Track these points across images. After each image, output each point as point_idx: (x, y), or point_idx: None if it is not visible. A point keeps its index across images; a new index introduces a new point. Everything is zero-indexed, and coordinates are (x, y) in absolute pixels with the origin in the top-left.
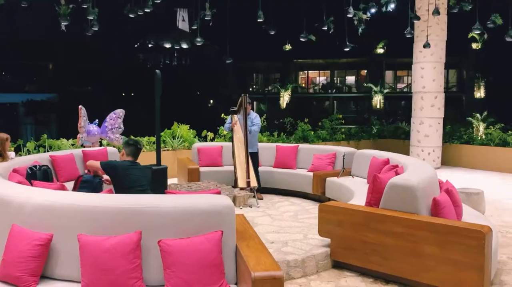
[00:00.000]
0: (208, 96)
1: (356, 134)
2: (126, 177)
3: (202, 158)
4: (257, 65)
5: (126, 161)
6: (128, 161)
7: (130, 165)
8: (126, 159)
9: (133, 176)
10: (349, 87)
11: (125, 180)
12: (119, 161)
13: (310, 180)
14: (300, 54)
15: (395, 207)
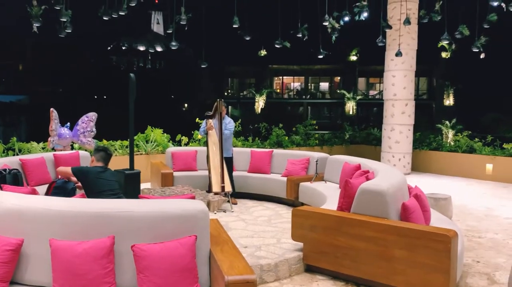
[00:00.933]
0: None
1: (329, 140)
2: (97, 182)
3: (176, 163)
4: (232, 69)
5: (97, 167)
6: (99, 167)
7: (101, 170)
8: (96, 165)
9: (104, 181)
10: (323, 93)
11: (96, 185)
12: (90, 167)
13: (284, 185)
14: (275, 60)
15: (366, 212)
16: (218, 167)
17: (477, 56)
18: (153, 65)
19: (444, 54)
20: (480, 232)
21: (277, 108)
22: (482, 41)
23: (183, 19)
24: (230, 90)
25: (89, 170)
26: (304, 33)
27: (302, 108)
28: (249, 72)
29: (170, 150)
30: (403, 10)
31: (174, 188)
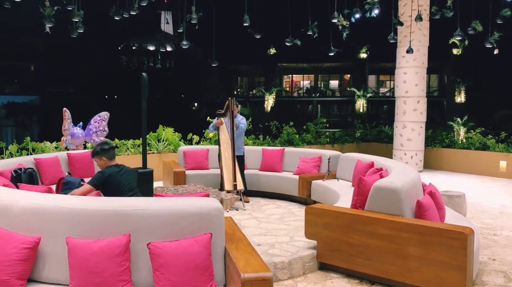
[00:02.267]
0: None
1: (340, 138)
2: (119, 184)
3: (188, 161)
4: (241, 68)
5: (111, 167)
6: (115, 167)
7: (118, 170)
8: (109, 164)
9: (124, 181)
10: (333, 91)
11: (118, 186)
12: (107, 171)
13: (296, 183)
14: (284, 58)
15: (380, 209)
16: (230, 165)
17: (489, 52)
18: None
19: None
20: (495, 229)
21: (287, 106)
22: (496, 36)
23: (194, 18)
24: (240, 89)
25: (109, 176)
26: (314, 31)
27: (312, 106)
28: (259, 71)
29: (182, 148)
30: (414, 6)
31: (186, 187)
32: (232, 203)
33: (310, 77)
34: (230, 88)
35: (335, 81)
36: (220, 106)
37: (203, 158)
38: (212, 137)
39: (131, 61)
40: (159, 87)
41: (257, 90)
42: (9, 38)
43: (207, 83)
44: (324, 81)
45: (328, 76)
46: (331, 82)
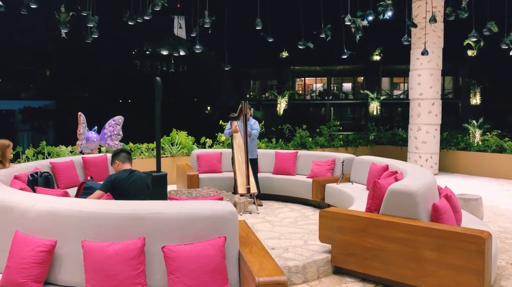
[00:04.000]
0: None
1: (354, 141)
2: (129, 188)
3: (201, 165)
4: (254, 71)
5: (121, 172)
6: (127, 171)
7: (126, 177)
8: (122, 168)
9: (131, 191)
10: (346, 93)
11: (128, 191)
12: (117, 176)
13: (310, 186)
14: (296, 61)
15: (395, 213)
16: (243, 169)
17: (504, 53)
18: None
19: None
20: None
21: (300, 109)
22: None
23: (206, 22)
24: (252, 92)
25: (118, 179)
26: (327, 34)
27: (325, 109)
28: (271, 74)
29: (196, 152)
30: (428, 8)
31: (200, 190)
32: (245, 206)
33: (323, 80)
34: (243, 91)
35: (348, 83)
36: (233, 109)
37: (217, 161)
38: (225, 141)
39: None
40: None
41: (270, 94)
42: (29, 43)
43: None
44: (337, 83)
45: (341, 78)
46: (344, 85)
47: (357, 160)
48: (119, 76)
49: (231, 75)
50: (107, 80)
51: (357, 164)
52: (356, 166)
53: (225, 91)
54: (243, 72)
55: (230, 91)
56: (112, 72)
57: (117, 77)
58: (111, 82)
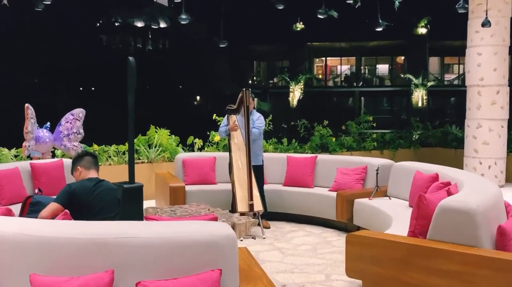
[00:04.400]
0: (194, 91)
1: (392, 141)
2: (87, 208)
3: (188, 173)
4: (258, 50)
5: (84, 182)
6: (92, 180)
7: (91, 188)
8: (86, 177)
9: (97, 205)
10: (381, 78)
11: (93, 206)
12: (78, 186)
13: (333, 202)
14: (315, 36)
15: (448, 238)
16: (244, 179)
17: None
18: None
19: None
20: None
21: (319, 99)
22: None
23: None
24: (256, 77)
25: (79, 190)
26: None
27: (353, 99)
28: (281, 53)
29: (181, 156)
30: None
31: (187, 207)
32: (247, 229)
33: (350, 60)
34: (244, 76)
35: (384, 65)
36: (230, 100)
37: (209, 169)
38: (221, 142)
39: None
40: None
41: (280, 79)
42: None
43: (213, 69)
44: (369, 65)
45: (374, 59)
46: (379, 67)
47: (396, 167)
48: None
49: (228, 54)
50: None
51: (396, 172)
52: (395, 175)
53: (220, 75)
54: (244, 50)
55: (226, 76)
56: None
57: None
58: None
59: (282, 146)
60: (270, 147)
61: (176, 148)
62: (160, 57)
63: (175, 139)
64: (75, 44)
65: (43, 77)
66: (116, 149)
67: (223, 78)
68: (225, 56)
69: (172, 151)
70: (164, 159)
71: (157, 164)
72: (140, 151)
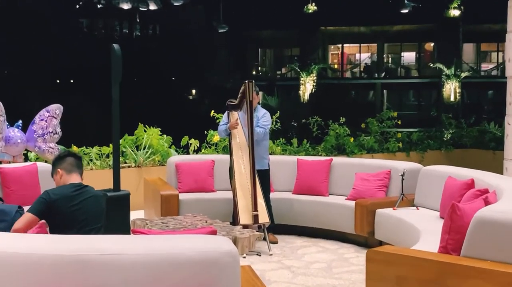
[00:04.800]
0: (189, 84)
1: (420, 142)
2: (68, 220)
3: (183, 180)
4: (264, 36)
5: (65, 188)
6: (74, 186)
7: (75, 191)
8: (68, 181)
9: (79, 217)
10: (407, 69)
11: (67, 224)
12: (57, 192)
13: (351, 213)
14: (330, 19)
15: (486, 255)
16: (247, 186)
17: None
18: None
19: None
20: None
21: (335, 93)
22: None
23: None
24: (262, 67)
25: (59, 198)
26: None
27: (374, 93)
28: (291, 39)
29: (174, 160)
30: None
31: (181, 219)
32: (251, 244)
33: (371, 47)
34: (247, 66)
35: (410, 53)
36: (231, 94)
37: (206, 174)
38: (220, 143)
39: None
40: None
41: (289, 69)
42: None
43: (212, 59)
44: (393, 53)
45: (399, 45)
46: (405, 55)
47: (425, 172)
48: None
49: (229, 41)
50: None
51: (425, 178)
52: (424, 181)
53: (220, 65)
54: (247, 36)
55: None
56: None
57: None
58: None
59: (291, 147)
60: (278, 149)
61: (168, 150)
62: (150, 45)
63: (167, 139)
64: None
65: (16, 68)
66: (99, 151)
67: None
68: (225, 43)
69: (163, 154)
70: (154, 162)
71: (146, 169)
72: (127, 154)
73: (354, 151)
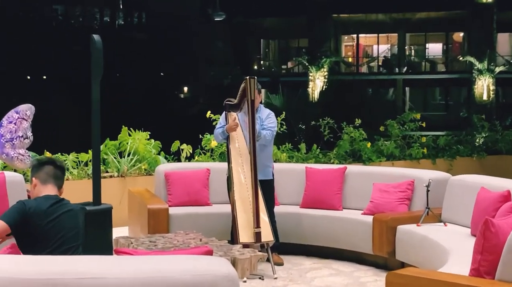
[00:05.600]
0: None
1: (448, 147)
2: (44, 233)
3: (173, 191)
4: (267, 25)
5: (41, 199)
6: (47, 200)
7: (51, 206)
8: (41, 193)
9: (59, 229)
10: (433, 62)
11: (47, 234)
12: (31, 205)
13: (369, 229)
14: (344, 5)
15: None
16: (248, 199)
17: None
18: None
19: None
20: None
21: (349, 91)
22: None
23: None
24: (265, 61)
25: (34, 211)
26: None
27: (395, 90)
28: (298, 29)
29: (163, 168)
30: None
31: (171, 237)
32: (253, 266)
33: (391, 38)
34: (247, 60)
35: (436, 44)
36: (229, 92)
37: (201, 185)
38: (217, 148)
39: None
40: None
41: (295, 63)
42: None
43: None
44: (416, 44)
45: (423, 35)
46: (430, 47)
47: (453, 182)
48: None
49: (227, 31)
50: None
51: (453, 189)
52: (452, 193)
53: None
54: (247, 25)
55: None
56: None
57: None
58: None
59: (299, 154)
60: (283, 156)
61: (156, 157)
62: (135, 35)
63: (155, 145)
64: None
65: None
66: (76, 158)
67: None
68: (223, 33)
69: (151, 161)
70: (140, 171)
71: (131, 179)
72: (108, 161)
73: (372, 158)
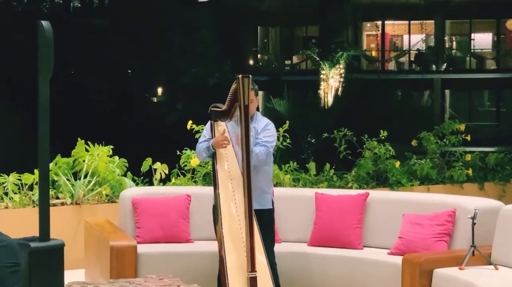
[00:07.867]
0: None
1: (500, 168)
2: None
3: (143, 224)
4: (266, 8)
5: None
6: None
7: None
8: None
9: None
10: (480, 58)
11: None
12: None
13: (397, 273)
14: None
15: None
16: (240, 234)
17: None
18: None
19: None
20: None
21: (372, 94)
22: None
23: None
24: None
25: None
26: None
27: (431, 93)
28: (305, 13)
29: (130, 194)
30: None
31: (140, 282)
32: None
33: (425, 26)
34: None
35: (484, 34)
36: (216, 96)
37: (178, 215)
38: (200, 168)
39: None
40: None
41: (303, 58)
42: None
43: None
44: (458, 34)
45: (468, 23)
46: (476, 37)
47: (507, 213)
48: None
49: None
50: None
51: (507, 222)
52: (506, 227)
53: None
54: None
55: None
56: None
57: None
58: None
59: (307, 175)
60: (287, 178)
61: (121, 179)
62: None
63: (119, 163)
64: None
65: None
66: (18, 180)
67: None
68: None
69: (114, 185)
70: (100, 198)
71: (89, 207)
72: (60, 184)
73: (401, 182)
